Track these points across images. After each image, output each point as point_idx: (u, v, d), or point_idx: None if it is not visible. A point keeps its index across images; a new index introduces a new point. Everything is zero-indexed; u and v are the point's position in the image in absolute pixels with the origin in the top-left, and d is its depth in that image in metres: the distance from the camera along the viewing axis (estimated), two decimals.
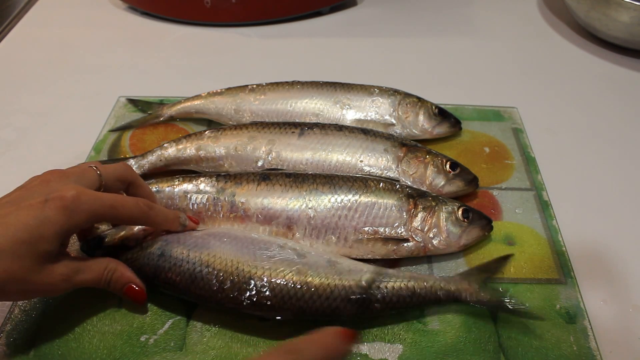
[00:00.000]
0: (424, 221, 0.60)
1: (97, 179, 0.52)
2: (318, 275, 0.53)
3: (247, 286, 0.52)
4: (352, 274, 0.54)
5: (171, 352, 0.53)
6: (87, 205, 0.48)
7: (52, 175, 0.50)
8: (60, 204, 0.46)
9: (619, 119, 0.83)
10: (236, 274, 0.53)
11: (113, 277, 0.52)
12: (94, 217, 0.49)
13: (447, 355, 0.53)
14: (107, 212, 0.49)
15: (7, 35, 0.99)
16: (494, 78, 0.92)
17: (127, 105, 0.82)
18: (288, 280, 0.52)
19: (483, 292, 0.55)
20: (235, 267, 0.53)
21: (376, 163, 0.67)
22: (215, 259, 0.54)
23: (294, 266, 0.54)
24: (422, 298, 0.54)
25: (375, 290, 0.53)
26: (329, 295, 0.52)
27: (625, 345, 0.54)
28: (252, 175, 0.63)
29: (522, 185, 0.71)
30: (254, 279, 0.53)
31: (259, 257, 0.54)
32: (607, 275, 0.61)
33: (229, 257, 0.54)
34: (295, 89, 0.78)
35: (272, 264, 0.54)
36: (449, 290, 0.55)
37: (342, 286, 0.53)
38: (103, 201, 0.49)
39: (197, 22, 1.02)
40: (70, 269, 0.49)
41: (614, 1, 0.88)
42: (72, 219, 0.47)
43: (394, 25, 1.05)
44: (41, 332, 0.54)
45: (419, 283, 0.55)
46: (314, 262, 0.55)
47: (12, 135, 0.78)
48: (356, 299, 0.53)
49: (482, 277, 0.57)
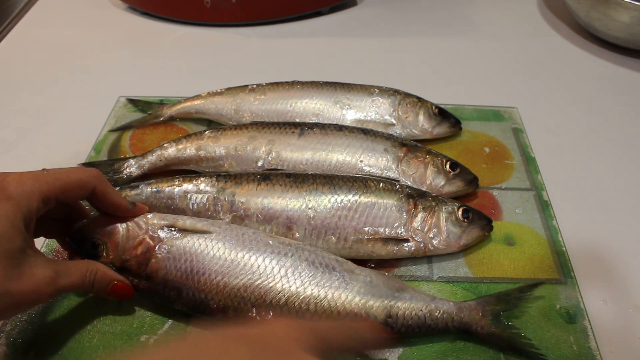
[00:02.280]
0: (424, 221, 0.60)
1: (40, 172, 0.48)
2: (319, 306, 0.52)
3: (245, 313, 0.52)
4: (362, 303, 0.52)
5: None
6: (30, 186, 0.45)
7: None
8: (3, 195, 0.44)
9: (619, 119, 0.83)
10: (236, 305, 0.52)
11: (96, 278, 0.51)
12: (42, 197, 0.46)
13: (447, 355, 0.53)
14: (54, 185, 0.47)
15: (7, 35, 0.99)
16: (494, 78, 0.92)
17: (127, 105, 0.82)
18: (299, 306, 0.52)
19: (495, 327, 0.52)
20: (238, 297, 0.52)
21: (376, 163, 0.67)
22: (216, 291, 0.53)
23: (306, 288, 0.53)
24: (430, 329, 0.52)
25: (387, 319, 0.52)
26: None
27: (625, 345, 0.54)
28: (252, 175, 0.63)
29: (522, 185, 0.71)
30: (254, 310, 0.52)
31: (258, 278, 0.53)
32: (607, 275, 0.61)
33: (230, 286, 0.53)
34: (295, 89, 0.78)
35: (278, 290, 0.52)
36: (461, 321, 0.52)
37: (354, 314, 0.52)
38: (45, 177, 0.47)
39: (197, 22, 1.02)
40: (52, 271, 0.46)
41: (614, 1, 0.88)
42: (21, 206, 0.44)
43: (394, 25, 1.05)
44: (41, 332, 0.54)
45: (431, 314, 0.52)
46: (327, 280, 0.53)
47: (12, 135, 0.78)
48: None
49: (498, 309, 0.53)
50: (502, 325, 0.53)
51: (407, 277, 0.60)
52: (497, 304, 0.54)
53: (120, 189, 0.64)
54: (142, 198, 0.63)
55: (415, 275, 0.60)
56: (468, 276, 0.60)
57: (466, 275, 0.60)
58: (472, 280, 0.60)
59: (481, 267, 0.61)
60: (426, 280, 0.60)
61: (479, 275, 0.60)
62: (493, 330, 0.52)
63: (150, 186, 0.64)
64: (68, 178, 0.49)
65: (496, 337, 0.52)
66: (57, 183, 0.47)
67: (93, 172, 0.51)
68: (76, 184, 0.49)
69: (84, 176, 0.50)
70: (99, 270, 0.51)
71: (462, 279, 0.60)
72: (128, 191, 0.64)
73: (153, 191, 0.63)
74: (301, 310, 0.51)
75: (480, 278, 0.60)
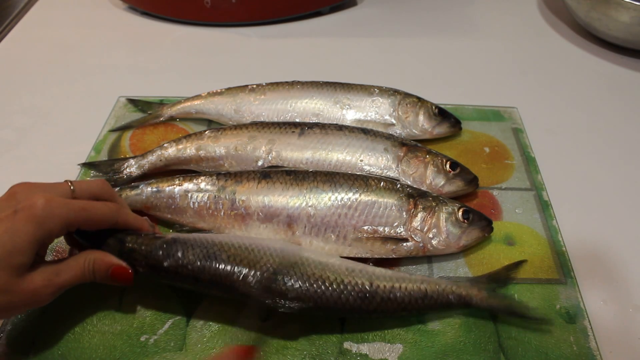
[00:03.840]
0: (423, 221, 0.60)
1: (68, 191, 0.50)
2: (331, 271, 0.53)
3: (260, 270, 0.52)
4: (363, 272, 0.54)
5: (171, 352, 0.53)
6: (58, 211, 0.46)
7: (19, 188, 0.49)
8: (29, 213, 0.45)
9: (619, 119, 0.83)
10: (250, 257, 0.53)
11: (95, 266, 0.51)
12: (66, 224, 0.47)
13: (447, 355, 0.53)
14: (79, 215, 0.48)
15: (7, 35, 0.99)
16: (494, 78, 0.92)
17: (127, 105, 0.82)
18: (302, 273, 0.52)
19: (492, 298, 0.56)
20: (249, 250, 0.53)
21: (376, 163, 0.67)
22: (229, 243, 0.54)
23: (307, 262, 0.54)
24: (434, 301, 0.54)
25: (388, 290, 0.53)
26: (341, 289, 0.52)
27: (625, 345, 0.54)
28: (252, 174, 0.63)
29: (522, 185, 0.71)
30: (267, 264, 0.52)
31: (270, 246, 0.55)
32: (607, 275, 0.61)
33: (243, 242, 0.54)
34: (295, 89, 0.78)
35: (285, 253, 0.54)
36: (460, 294, 0.55)
37: (355, 282, 0.53)
38: (74, 205, 0.48)
39: (197, 22, 1.02)
40: (49, 272, 0.48)
41: (614, 1, 0.88)
42: (44, 228, 0.46)
43: (394, 25, 1.05)
44: (41, 332, 0.54)
45: (432, 286, 0.55)
46: (326, 260, 0.55)
47: (12, 135, 0.78)
48: (366, 295, 0.53)
49: (492, 286, 0.57)
50: (498, 297, 0.56)
51: None
52: (489, 282, 0.57)
53: (120, 189, 0.65)
54: (142, 198, 0.63)
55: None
56: (468, 276, 0.60)
57: (466, 275, 0.60)
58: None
59: (481, 267, 0.61)
60: None
61: (479, 275, 0.60)
62: (491, 301, 0.56)
63: (150, 186, 0.64)
64: (94, 211, 0.50)
65: (495, 307, 0.56)
66: (83, 214, 0.49)
67: (115, 207, 0.53)
68: (100, 218, 0.51)
69: (108, 212, 0.51)
70: (96, 258, 0.51)
71: (462, 279, 0.60)
72: (128, 191, 0.64)
73: (153, 191, 0.63)
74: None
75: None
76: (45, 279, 0.47)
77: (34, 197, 0.46)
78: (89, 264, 0.51)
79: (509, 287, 0.59)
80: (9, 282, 0.45)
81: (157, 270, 0.53)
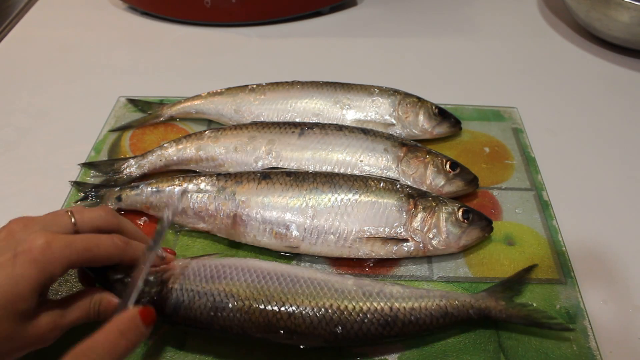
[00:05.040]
0: (423, 221, 0.60)
1: (69, 225, 0.47)
2: (348, 298, 0.52)
3: (276, 314, 0.50)
4: (381, 296, 0.53)
5: (171, 352, 0.53)
6: (59, 253, 0.44)
7: (16, 225, 0.46)
8: (30, 257, 0.43)
9: (619, 119, 0.83)
10: (259, 298, 0.51)
11: (101, 307, 0.49)
12: (68, 266, 0.45)
13: (447, 355, 0.53)
14: (83, 256, 0.45)
15: (7, 35, 0.99)
16: (494, 78, 0.92)
17: (127, 105, 0.82)
18: (319, 307, 0.51)
19: (512, 308, 0.54)
20: (258, 289, 0.51)
21: (376, 163, 0.67)
22: (239, 289, 0.52)
23: (322, 291, 0.52)
24: (454, 318, 0.53)
25: (408, 313, 0.52)
26: (361, 317, 0.51)
27: (625, 345, 0.54)
28: (252, 174, 0.63)
29: (522, 185, 0.71)
30: (285, 305, 0.50)
31: (285, 285, 0.52)
32: (607, 275, 0.61)
33: (254, 286, 0.52)
34: (295, 89, 0.78)
35: (299, 290, 0.52)
36: (480, 307, 0.54)
37: (374, 309, 0.52)
38: (76, 245, 0.45)
39: (197, 22, 1.02)
40: (54, 315, 0.46)
41: (614, 1, 0.88)
42: (45, 271, 0.43)
43: (394, 25, 1.05)
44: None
45: (451, 302, 0.53)
46: (341, 286, 0.53)
47: (12, 135, 0.78)
48: (387, 321, 0.51)
49: (508, 295, 0.56)
50: (517, 306, 0.55)
51: (407, 277, 0.60)
52: (504, 291, 0.56)
53: (120, 189, 0.65)
54: (142, 198, 0.63)
55: (415, 275, 0.60)
56: (468, 276, 0.60)
57: (466, 275, 0.60)
58: (472, 280, 0.60)
59: (481, 267, 0.61)
60: (426, 280, 0.60)
61: (479, 275, 0.60)
62: (511, 311, 0.54)
63: (150, 186, 0.64)
64: (98, 251, 0.47)
65: (515, 317, 0.54)
66: (86, 254, 0.46)
67: (121, 244, 0.49)
68: (105, 257, 0.48)
69: (113, 252, 0.48)
70: (102, 299, 0.49)
71: (462, 279, 0.60)
72: (128, 191, 0.64)
73: (153, 191, 0.63)
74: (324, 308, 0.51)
75: (480, 278, 0.60)
76: (51, 322, 0.45)
77: (33, 237, 0.44)
78: (95, 305, 0.49)
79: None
80: (14, 330, 0.43)
81: (165, 319, 0.52)
